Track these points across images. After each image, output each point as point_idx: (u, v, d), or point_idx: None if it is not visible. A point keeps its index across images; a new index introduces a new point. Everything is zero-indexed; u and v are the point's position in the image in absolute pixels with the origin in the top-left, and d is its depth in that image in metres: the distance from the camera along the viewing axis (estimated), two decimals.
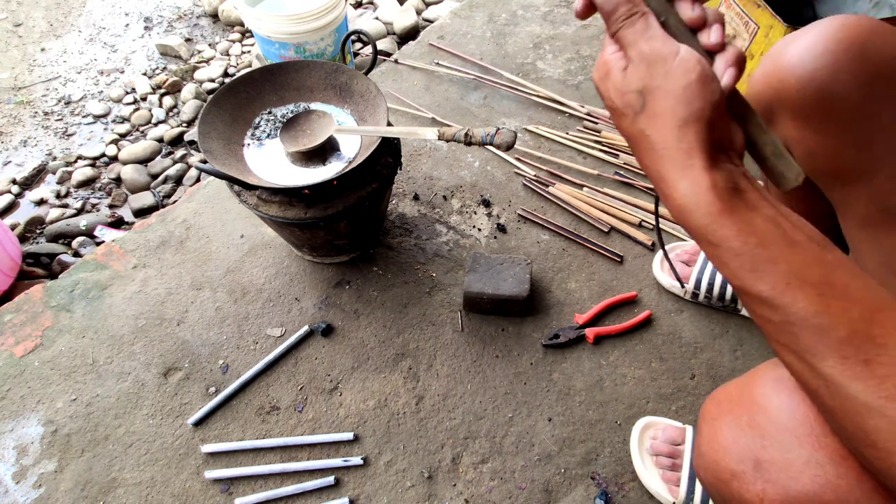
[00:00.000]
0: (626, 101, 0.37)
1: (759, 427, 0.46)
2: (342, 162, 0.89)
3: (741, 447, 0.46)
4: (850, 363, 0.31)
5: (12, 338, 0.96)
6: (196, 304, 1.01)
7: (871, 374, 0.31)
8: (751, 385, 0.48)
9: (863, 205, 0.57)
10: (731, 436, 0.47)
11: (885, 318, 0.32)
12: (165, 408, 0.89)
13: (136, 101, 1.68)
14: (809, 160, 0.61)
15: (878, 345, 0.31)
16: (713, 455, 0.48)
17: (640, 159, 0.38)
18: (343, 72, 0.96)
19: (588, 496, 0.82)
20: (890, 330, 0.32)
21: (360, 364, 0.94)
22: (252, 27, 1.44)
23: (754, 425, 0.46)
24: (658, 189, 0.38)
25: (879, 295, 0.33)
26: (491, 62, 1.47)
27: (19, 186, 1.44)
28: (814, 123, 0.58)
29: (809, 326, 0.33)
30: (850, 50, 0.54)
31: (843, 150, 0.57)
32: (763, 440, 0.45)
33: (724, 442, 0.48)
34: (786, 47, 0.59)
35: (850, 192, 0.58)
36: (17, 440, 0.85)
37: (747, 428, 0.46)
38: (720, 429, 0.49)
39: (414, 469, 0.84)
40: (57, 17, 1.97)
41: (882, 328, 0.32)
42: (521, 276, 0.96)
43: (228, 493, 0.81)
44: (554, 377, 0.93)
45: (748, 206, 0.36)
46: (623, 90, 0.37)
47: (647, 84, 0.36)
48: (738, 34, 1.21)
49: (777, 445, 0.44)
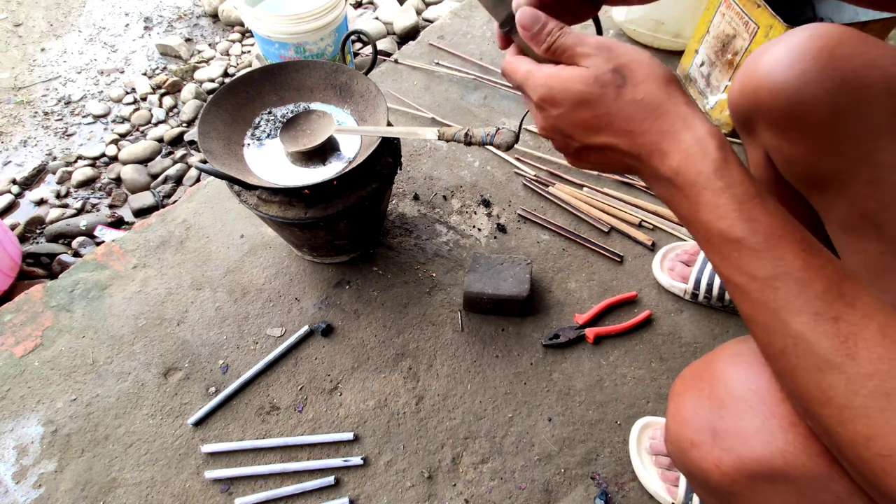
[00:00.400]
0: (606, 81, 0.38)
1: (716, 399, 0.48)
2: (342, 162, 0.89)
3: (700, 418, 0.48)
4: (821, 319, 0.33)
5: (12, 338, 0.96)
6: (196, 304, 1.01)
7: (837, 332, 0.32)
8: (712, 361, 0.51)
9: (842, 210, 0.58)
10: (692, 408, 0.50)
11: (850, 282, 0.34)
12: (165, 408, 0.89)
13: (136, 101, 1.68)
14: (788, 168, 0.62)
15: (847, 304, 0.33)
16: (676, 427, 0.51)
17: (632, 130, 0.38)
18: (343, 72, 0.96)
19: (588, 496, 0.82)
20: (856, 291, 0.33)
21: (360, 364, 0.94)
22: (252, 27, 1.44)
23: (713, 397, 0.48)
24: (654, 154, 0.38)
25: (842, 265, 0.35)
26: (491, 62, 1.47)
27: (19, 186, 1.44)
28: (788, 132, 0.58)
29: (793, 279, 0.34)
30: (820, 59, 0.54)
31: (817, 158, 0.57)
32: (720, 411, 0.47)
33: (685, 414, 0.50)
34: (759, 57, 0.60)
35: (828, 198, 0.59)
36: (17, 440, 0.85)
37: (706, 400, 0.49)
38: (683, 403, 0.51)
39: (414, 469, 0.84)
40: (57, 17, 1.97)
41: (850, 288, 0.33)
42: (521, 276, 0.96)
43: (228, 493, 0.81)
44: (554, 377, 0.93)
45: (736, 157, 0.37)
46: (597, 76, 0.38)
47: (618, 63, 0.38)
48: (738, 34, 1.21)
49: (732, 415, 0.46)
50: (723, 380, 0.47)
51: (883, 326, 0.32)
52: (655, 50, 1.55)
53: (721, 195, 0.35)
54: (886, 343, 0.31)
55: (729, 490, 0.47)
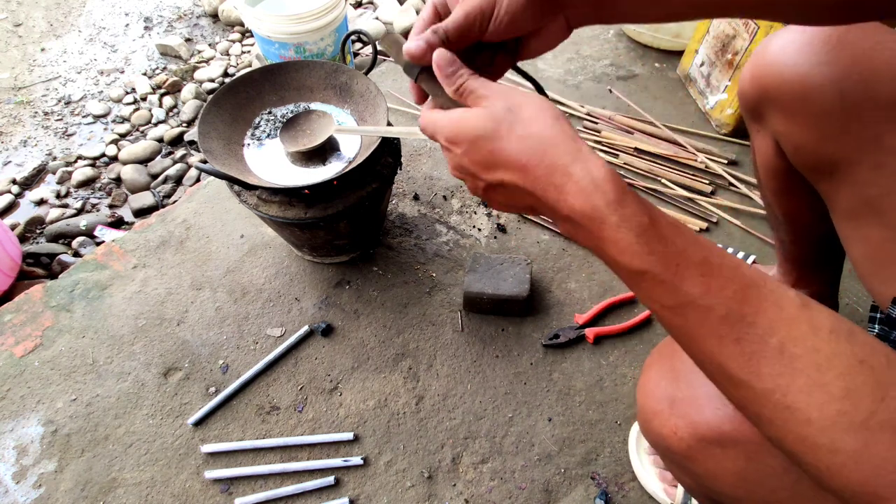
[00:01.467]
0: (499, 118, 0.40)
1: (675, 371, 0.52)
2: (342, 162, 0.89)
3: (661, 389, 0.53)
4: (725, 342, 0.34)
5: (12, 338, 0.96)
6: (196, 304, 1.01)
7: (741, 352, 0.33)
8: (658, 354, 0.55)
9: (846, 197, 0.58)
10: (655, 380, 0.54)
11: (752, 295, 0.34)
12: (165, 408, 0.89)
13: (136, 101, 1.68)
14: (797, 154, 0.62)
15: (748, 323, 0.33)
16: (642, 399, 0.55)
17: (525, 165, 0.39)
18: (343, 72, 0.96)
19: (588, 496, 0.82)
20: (757, 307, 0.34)
21: (360, 364, 0.94)
22: (252, 27, 1.44)
23: (672, 369, 0.52)
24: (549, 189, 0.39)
25: (747, 272, 0.35)
26: None
27: (19, 186, 1.44)
28: (797, 117, 0.59)
29: (696, 307, 0.35)
30: (828, 43, 0.55)
31: (824, 143, 0.58)
32: (677, 382, 0.51)
33: (650, 386, 0.54)
34: (768, 43, 0.61)
35: (834, 184, 0.59)
36: (17, 440, 0.85)
37: (668, 372, 0.53)
38: (649, 377, 0.55)
39: (414, 469, 0.84)
40: (57, 17, 1.97)
41: (750, 306, 0.34)
42: (521, 276, 0.96)
43: (228, 493, 0.81)
44: (554, 377, 0.93)
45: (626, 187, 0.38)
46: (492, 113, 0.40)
47: (511, 102, 0.40)
48: (738, 34, 1.21)
49: (687, 385, 0.51)
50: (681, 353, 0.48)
51: (782, 342, 0.33)
52: (655, 50, 1.55)
53: (618, 230, 0.36)
54: (784, 359, 0.32)
55: (685, 454, 0.50)
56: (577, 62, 1.50)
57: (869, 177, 0.55)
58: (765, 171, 0.74)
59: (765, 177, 0.75)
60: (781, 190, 0.74)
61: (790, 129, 0.61)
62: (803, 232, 0.79)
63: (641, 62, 1.52)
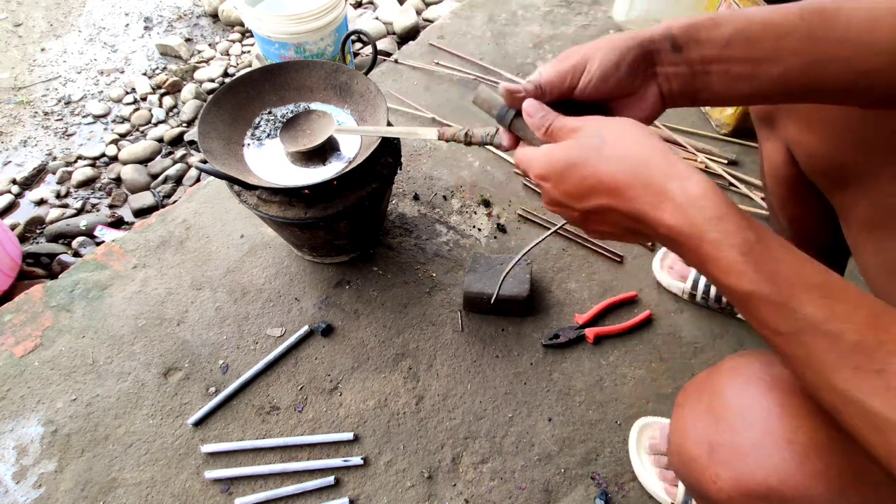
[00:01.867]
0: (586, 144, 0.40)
1: (714, 413, 0.47)
2: (342, 162, 0.89)
3: (699, 431, 0.47)
4: (863, 374, 0.30)
5: (12, 338, 0.96)
6: (196, 304, 1.01)
7: (886, 386, 0.29)
8: (712, 374, 0.50)
9: (864, 207, 0.56)
10: (691, 421, 0.49)
11: (888, 323, 0.31)
12: (165, 408, 0.89)
13: (136, 101, 1.68)
14: (810, 162, 0.60)
15: (889, 352, 0.29)
16: (676, 439, 0.50)
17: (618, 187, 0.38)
18: (343, 72, 0.96)
19: (588, 496, 0.82)
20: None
21: (360, 364, 0.94)
22: (252, 27, 1.44)
23: (711, 411, 0.47)
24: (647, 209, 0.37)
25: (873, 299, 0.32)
26: (491, 62, 1.47)
27: (19, 186, 1.44)
28: (813, 124, 0.57)
29: (820, 334, 0.31)
30: None
31: (843, 152, 0.56)
32: (717, 425, 0.46)
33: (685, 426, 0.49)
34: None
35: (851, 194, 0.58)
36: (17, 440, 0.85)
37: (705, 413, 0.48)
38: (683, 415, 0.50)
39: (414, 469, 0.84)
40: (57, 17, 1.97)
41: (888, 333, 0.30)
42: (521, 276, 0.96)
43: (228, 493, 0.81)
44: (554, 377, 0.93)
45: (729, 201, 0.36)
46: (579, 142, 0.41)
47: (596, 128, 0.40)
48: None
49: (729, 430, 0.45)
50: (721, 393, 0.46)
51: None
52: None
53: (719, 248, 0.34)
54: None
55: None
56: None
57: (890, 187, 0.52)
58: (772, 179, 0.72)
59: (772, 184, 0.73)
60: (789, 198, 0.73)
61: (804, 137, 0.59)
62: (807, 241, 0.77)
63: None
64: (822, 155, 0.58)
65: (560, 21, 1.63)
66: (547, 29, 1.60)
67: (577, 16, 1.66)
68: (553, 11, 1.66)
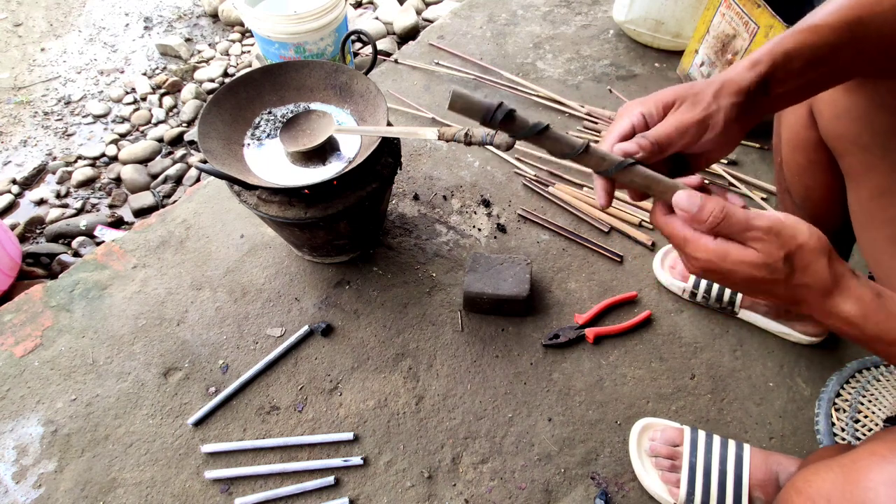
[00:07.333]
0: (776, 269, 0.40)
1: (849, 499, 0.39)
2: (342, 162, 0.89)
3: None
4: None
5: (12, 338, 0.96)
6: (196, 304, 1.01)
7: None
8: (854, 486, 0.40)
9: (881, 174, 0.56)
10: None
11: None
12: (165, 408, 0.89)
13: (136, 101, 1.68)
14: (835, 122, 0.60)
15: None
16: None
17: (799, 303, 0.41)
18: (343, 72, 0.96)
19: (588, 496, 0.82)
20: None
21: (360, 364, 0.94)
22: (252, 27, 1.44)
23: (845, 498, 0.39)
24: (820, 315, 0.42)
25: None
26: (491, 62, 1.47)
27: (19, 186, 1.44)
28: (850, 87, 0.57)
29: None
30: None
31: (874, 114, 0.55)
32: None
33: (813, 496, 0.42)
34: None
35: (869, 159, 0.57)
36: (17, 440, 0.85)
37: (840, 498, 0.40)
38: (810, 496, 0.42)
39: (414, 469, 0.84)
40: (57, 17, 1.97)
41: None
42: (521, 276, 0.96)
43: (228, 493, 0.81)
44: (554, 377, 0.93)
45: (881, 293, 0.40)
46: (767, 263, 0.40)
47: (787, 251, 0.40)
48: (738, 34, 1.21)
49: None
50: (857, 482, 0.40)
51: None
52: (656, 50, 1.55)
53: (888, 346, 0.38)
54: None
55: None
56: (577, 62, 1.50)
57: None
58: (791, 146, 0.72)
59: (790, 153, 0.73)
60: (806, 167, 0.72)
61: (836, 96, 0.59)
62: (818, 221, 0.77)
63: (641, 62, 1.52)
64: (850, 115, 0.58)
65: (560, 21, 1.63)
66: (547, 29, 1.60)
67: (576, 16, 1.66)
68: (553, 11, 1.66)
